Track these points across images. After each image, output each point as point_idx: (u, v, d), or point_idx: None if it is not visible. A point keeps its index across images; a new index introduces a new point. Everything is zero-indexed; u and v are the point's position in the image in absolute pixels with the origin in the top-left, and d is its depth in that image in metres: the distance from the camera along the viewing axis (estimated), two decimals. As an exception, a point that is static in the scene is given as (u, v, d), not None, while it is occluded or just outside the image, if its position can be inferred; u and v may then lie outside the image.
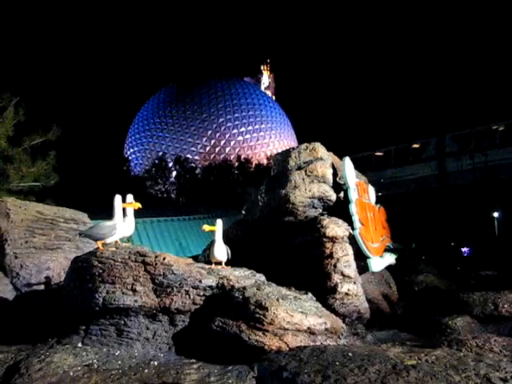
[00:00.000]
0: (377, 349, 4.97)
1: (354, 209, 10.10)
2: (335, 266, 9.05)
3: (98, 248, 7.52)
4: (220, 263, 8.34)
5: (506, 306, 10.08)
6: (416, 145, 49.31)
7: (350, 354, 4.22)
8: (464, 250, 30.59)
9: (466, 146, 45.17)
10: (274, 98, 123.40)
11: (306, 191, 10.54)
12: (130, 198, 8.47)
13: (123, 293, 6.94)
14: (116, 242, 7.95)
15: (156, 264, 7.20)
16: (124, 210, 8.16)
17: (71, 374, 6.15)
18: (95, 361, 6.66)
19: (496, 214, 33.99)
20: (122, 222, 7.93)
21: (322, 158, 11.17)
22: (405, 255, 15.38)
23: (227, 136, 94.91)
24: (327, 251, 9.24)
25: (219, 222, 8.59)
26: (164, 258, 7.30)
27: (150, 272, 7.17)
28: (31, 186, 24.95)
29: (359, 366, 3.84)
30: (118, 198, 7.89)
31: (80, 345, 7.08)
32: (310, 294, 7.88)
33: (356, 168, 11.71)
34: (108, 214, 7.90)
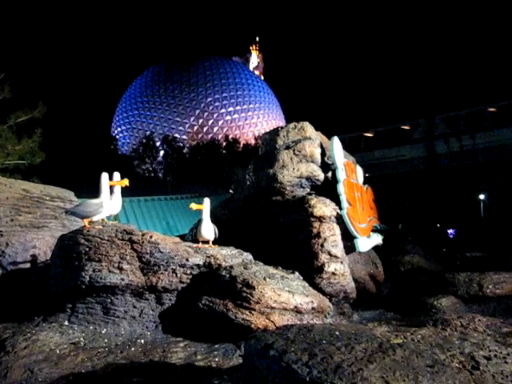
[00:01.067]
0: (363, 328, 4.99)
1: (341, 189, 10.10)
2: (322, 245, 9.07)
3: (85, 226, 7.47)
4: (207, 242, 8.33)
5: (490, 286, 10.21)
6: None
7: (336, 332, 4.22)
8: (450, 231, 30.81)
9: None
10: (262, 77, 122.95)
11: (294, 171, 10.51)
12: (116, 175, 8.38)
13: (110, 271, 6.91)
14: (102, 220, 7.90)
15: (143, 242, 7.17)
16: (111, 188, 8.09)
17: (57, 351, 6.12)
18: (82, 339, 6.63)
19: (482, 197, 34.18)
20: (109, 200, 7.86)
21: (310, 138, 11.12)
22: (392, 236, 15.49)
23: (215, 115, 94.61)
24: (314, 231, 9.26)
25: (206, 200, 8.56)
26: (151, 237, 7.27)
27: (136, 250, 7.15)
28: (17, 163, 24.82)
29: (346, 344, 3.84)
30: (104, 176, 7.82)
31: (66, 323, 7.05)
32: (296, 274, 7.89)
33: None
34: (95, 192, 7.84)
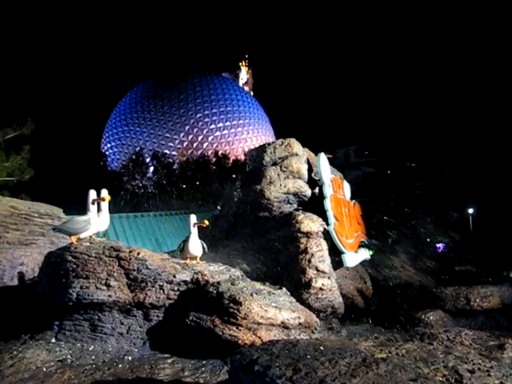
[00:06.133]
0: (348, 342, 5.01)
1: (328, 204, 10.16)
2: (310, 261, 9.10)
3: (72, 243, 7.47)
4: (195, 258, 8.35)
5: (477, 300, 10.29)
6: None
7: (321, 347, 4.25)
8: (439, 245, 30.83)
9: None
10: (251, 93, 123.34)
11: (281, 187, 10.57)
12: (104, 192, 8.39)
13: (97, 288, 6.91)
14: (90, 236, 7.91)
15: (130, 259, 7.19)
16: (99, 204, 8.11)
17: (44, 369, 6.10)
18: (69, 356, 6.61)
19: (471, 211, 34.25)
20: (97, 217, 7.88)
21: (297, 154, 11.20)
22: (380, 251, 15.52)
23: (205, 131, 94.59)
24: (302, 246, 9.30)
25: (192, 217, 8.58)
26: (138, 253, 7.29)
27: (124, 267, 7.16)
28: (5, 180, 24.72)
29: (330, 359, 3.87)
30: (92, 193, 7.86)
31: (54, 340, 7.03)
32: (284, 289, 7.91)
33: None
34: (84, 209, 7.86)
